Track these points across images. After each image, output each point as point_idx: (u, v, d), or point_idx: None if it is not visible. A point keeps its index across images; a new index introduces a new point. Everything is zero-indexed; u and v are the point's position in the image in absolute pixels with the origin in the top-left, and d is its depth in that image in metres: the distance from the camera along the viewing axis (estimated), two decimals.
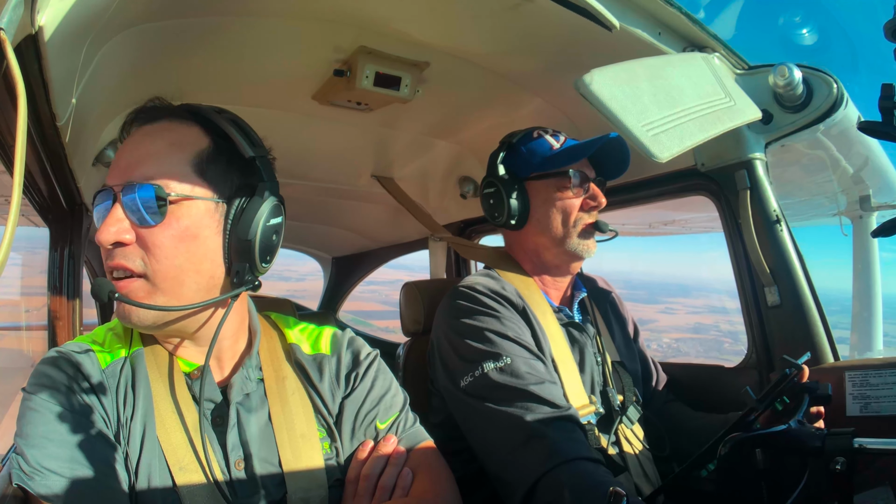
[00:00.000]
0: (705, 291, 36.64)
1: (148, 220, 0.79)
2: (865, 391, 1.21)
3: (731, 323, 21.10)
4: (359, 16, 1.23)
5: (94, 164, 1.36)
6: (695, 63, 1.26)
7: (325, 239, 3.44)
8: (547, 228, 1.36)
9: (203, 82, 1.42)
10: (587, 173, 1.37)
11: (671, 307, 22.53)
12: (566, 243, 1.35)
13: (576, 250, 1.34)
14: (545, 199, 1.37)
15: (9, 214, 0.49)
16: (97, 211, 0.84)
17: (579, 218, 1.35)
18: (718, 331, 24.00)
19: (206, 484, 0.81)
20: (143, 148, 0.83)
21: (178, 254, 0.81)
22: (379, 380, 1.03)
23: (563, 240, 1.35)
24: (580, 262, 1.41)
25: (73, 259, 1.37)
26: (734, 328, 20.83)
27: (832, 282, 1.66)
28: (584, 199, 1.35)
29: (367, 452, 0.94)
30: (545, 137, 1.40)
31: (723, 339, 23.54)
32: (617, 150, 1.37)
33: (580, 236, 1.35)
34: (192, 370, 0.90)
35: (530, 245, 1.41)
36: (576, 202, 1.35)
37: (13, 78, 0.51)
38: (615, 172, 1.42)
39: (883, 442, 0.79)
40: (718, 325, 23.13)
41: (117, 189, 0.80)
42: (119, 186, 0.80)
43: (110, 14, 0.89)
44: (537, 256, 1.41)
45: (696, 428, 1.43)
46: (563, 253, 1.36)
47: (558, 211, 1.35)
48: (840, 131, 1.48)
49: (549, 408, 1.11)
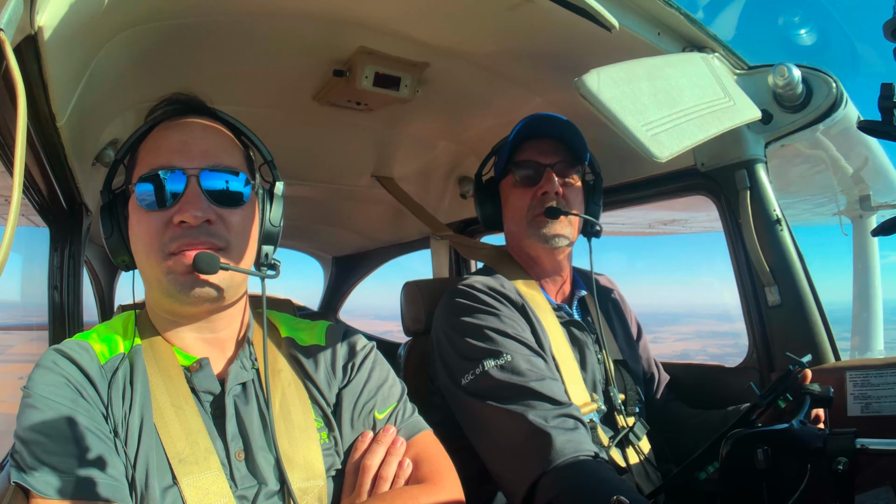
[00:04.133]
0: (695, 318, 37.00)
1: (232, 202, 0.90)
2: (866, 391, 1.21)
3: (719, 346, 21.41)
4: (359, 16, 1.23)
5: (93, 164, 1.36)
6: (694, 63, 1.26)
7: (325, 239, 3.44)
8: (512, 222, 1.41)
9: (203, 82, 1.42)
10: (539, 160, 1.36)
11: (659, 336, 22.90)
12: (528, 235, 1.36)
13: (538, 241, 1.35)
14: (506, 196, 1.43)
15: (9, 214, 0.49)
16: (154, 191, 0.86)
17: (531, 207, 1.36)
18: (706, 354, 24.34)
19: (206, 476, 0.81)
20: (211, 138, 0.93)
21: (247, 233, 0.93)
22: (376, 370, 1.04)
23: (525, 233, 1.37)
24: (554, 251, 1.38)
25: (73, 259, 1.37)
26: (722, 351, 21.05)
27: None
28: (534, 189, 1.36)
29: (366, 443, 0.95)
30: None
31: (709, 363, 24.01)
32: (568, 130, 1.35)
33: (534, 227, 1.35)
34: (192, 363, 0.91)
35: (513, 242, 1.46)
36: (528, 192, 1.36)
37: (13, 78, 0.51)
38: (580, 151, 1.39)
39: (884, 442, 0.79)
40: (706, 350, 23.46)
41: (194, 171, 0.87)
42: (197, 169, 0.88)
43: (110, 14, 0.89)
44: (522, 252, 1.44)
45: (695, 426, 1.43)
46: (534, 245, 1.38)
47: (514, 205, 1.39)
48: (840, 131, 1.48)
49: (550, 404, 1.11)
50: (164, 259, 0.86)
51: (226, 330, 0.96)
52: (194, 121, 0.95)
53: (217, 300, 0.89)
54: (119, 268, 0.99)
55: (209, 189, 0.88)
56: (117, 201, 0.95)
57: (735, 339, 2.21)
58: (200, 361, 0.90)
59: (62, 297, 1.36)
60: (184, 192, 0.86)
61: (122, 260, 0.95)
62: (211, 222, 0.87)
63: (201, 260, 0.84)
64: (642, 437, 1.36)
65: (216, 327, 0.95)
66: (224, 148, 0.94)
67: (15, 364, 4.82)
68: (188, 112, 0.96)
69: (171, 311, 0.93)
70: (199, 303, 0.89)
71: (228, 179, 0.90)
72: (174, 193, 0.86)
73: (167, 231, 0.86)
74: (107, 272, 3.10)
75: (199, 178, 0.88)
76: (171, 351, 0.92)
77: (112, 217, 0.94)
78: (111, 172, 0.98)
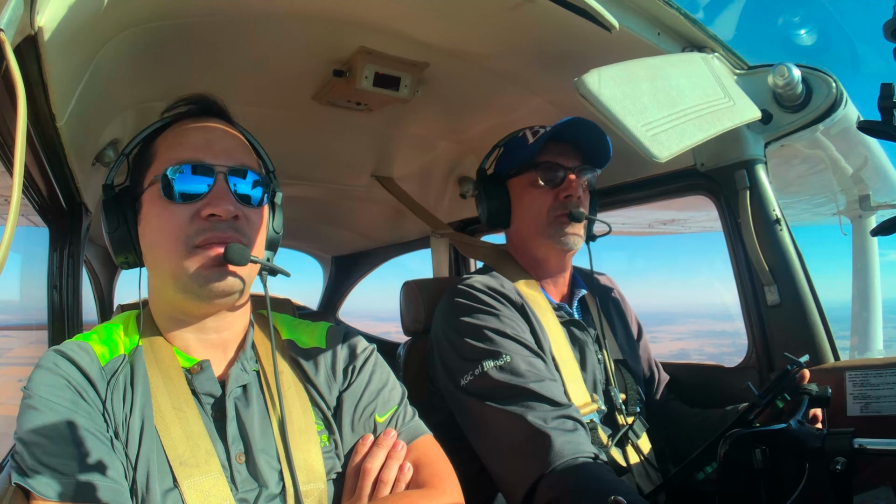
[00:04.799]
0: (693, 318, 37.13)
1: (255, 202, 0.93)
2: (866, 391, 1.21)
3: (714, 346, 21.44)
4: (359, 16, 1.23)
5: (93, 164, 1.35)
6: (694, 63, 1.26)
7: (325, 238, 3.44)
8: (526, 223, 1.39)
9: (203, 82, 1.42)
10: (562, 163, 1.37)
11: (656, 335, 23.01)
12: (545, 235, 1.36)
13: (555, 242, 1.35)
14: (520, 195, 1.40)
15: (9, 214, 0.49)
16: (181, 183, 0.88)
17: (552, 209, 1.35)
18: (701, 354, 24.33)
19: (207, 478, 0.81)
20: (231, 139, 0.95)
21: (263, 233, 0.96)
22: (376, 373, 1.03)
23: (541, 233, 1.36)
24: (566, 253, 1.40)
25: (72, 259, 1.37)
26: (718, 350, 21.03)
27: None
28: (556, 191, 1.36)
29: (367, 446, 0.95)
30: (526, 134, 1.41)
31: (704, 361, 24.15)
32: (594, 135, 1.35)
33: (556, 227, 1.35)
34: (192, 365, 0.90)
35: (519, 242, 1.44)
36: (549, 193, 1.36)
37: (13, 78, 0.51)
38: (601, 159, 1.40)
39: (883, 442, 0.79)
40: (703, 349, 23.48)
41: (222, 168, 0.90)
42: (224, 167, 0.90)
43: (110, 14, 0.89)
44: (528, 252, 1.43)
45: (694, 425, 1.43)
46: (546, 246, 1.37)
47: (533, 204, 1.37)
48: (839, 131, 1.48)
49: (549, 406, 1.11)
50: (189, 252, 0.86)
51: (229, 331, 0.96)
52: (215, 123, 0.96)
53: (234, 296, 0.91)
54: (119, 266, 0.98)
55: (234, 187, 0.90)
56: (123, 196, 0.94)
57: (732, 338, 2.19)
58: (201, 364, 0.90)
59: (62, 297, 1.36)
60: (213, 187, 0.88)
61: (124, 257, 0.94)
62: (237, 218, 0.89)
63: (233, 251, 0.86)
64: (642, 436, 1.36)
65: (221, 327, 0.95)
66: (244, 151, 0.96)
67: (14, 367, 4.83)
68: (209, 114, 0.98)
69: (181, 310, 0.92)
70: (218, 297, 0.89)
71: (252, 180, 0.93)
72: (202, 188, 0.88)
73: (193, 224, 0.87)
74: (106, 272, 3.09)
75: (227, 175, 0.90)
76: (171, 352, 0.91)
77: (118, 212, 0.92)
78: (117, 166, 0.98)
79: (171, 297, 0.92)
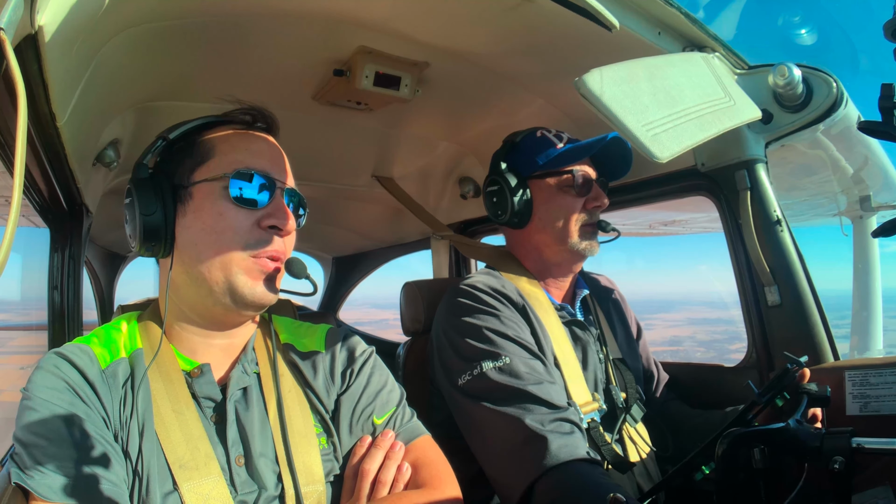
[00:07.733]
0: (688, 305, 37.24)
1: (301, 220, 0.97)
2: (865, 391, 1.21)
3: (708, 333, 21.41)
4: (359, 16, 1.23)
5: (94, 164, 1.35)
6: (694, 63, 1.26)
7: (325, 239, 3.44)
8: (549, 227, 1.36)
9: (203, 82, 1.42)
10: (590, 173, 1.38)
11: (650, 322, 22.94)
12: (568, 242, 1.35)
13: (578, 249, 1.35)
14: (547, 198, 1.37)
15: (9, 215, 0.49)
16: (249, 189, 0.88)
17: (581, 218, 1.35)
18: (693, 341, 24.30)
19: (206, 481, 0.81)
20: (285, 160, 0.98)
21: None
22: (375, 376, 1.03)
23: (565, 239, 1.35)
24: (582, 261, 1.41)
25: (73, 259, 1.37)
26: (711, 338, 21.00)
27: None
28: (586, 200, 1.36)
29: (365, 448, 0.95)
30: (548, 136, 1.41)
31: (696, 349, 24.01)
32: (619, 151, 1.37)
33: (582, 236, 1.35)
34: (193, 368, 0.90)
35: (532, 243, 1.42)
36: (578, 202, 1.35)
37: (13, 78, 0.51)
38: (618, 173, 1.43)
39: (882, 441, 0.78)
40: (695, 336, 23.45)
41: (282, 185, 0.93)
42: (283, 184, 0.93)
43: (110, 14, 0.89)
44: (539, 255, 1.42)
45: (695, 426, 1.43)
46: (566, 252, 1.36)
47: (561, 210, 1.35)
48: (840, 131, 1.48)
49: (547, 408, 1.11)
50: (243, 259, 0.87)
51: (240, 337, 0.98)
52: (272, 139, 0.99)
53: (264, 308, 0.94)
54: (138, 253, 0.91)
55: (288, 203, 0.93)
56: (160, 180, 0.89)
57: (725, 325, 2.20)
58: (202, 367, 0.90)
59: (62, 298, 1.36)
60: (273, 201, 0.90)
61: (151, 244, 0.88)
62: (288, 234, 0.92)
63: (295, 265, 0.92)
64: (643, 435, 1.36)
65: (234, 333, 0.96)
66: (290, 174, 0.98)
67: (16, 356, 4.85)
68: (268, 130, 1.00)
69: (201, 312, 0.92)
70: (254, 308, 0.92)
71: (300, 203, 0.97)
72: (264, 198, 0.90)
73: (253, 232, 0.88)
74: (107, 272, 3.10)
75: (286, 193, 0.93)
76: (172, 355, 0.91)
77: (157, 195, 0.87)
78: (157, 149, 0.93)
79: (194, 297, 0.91)
